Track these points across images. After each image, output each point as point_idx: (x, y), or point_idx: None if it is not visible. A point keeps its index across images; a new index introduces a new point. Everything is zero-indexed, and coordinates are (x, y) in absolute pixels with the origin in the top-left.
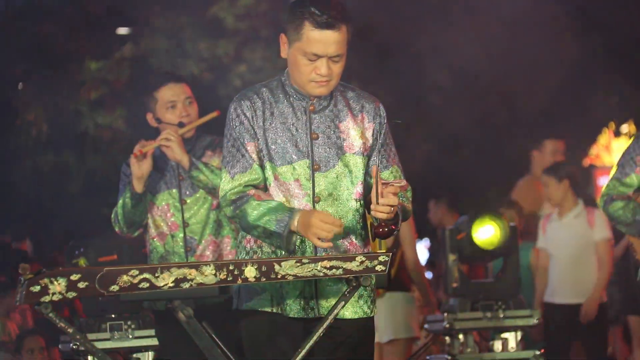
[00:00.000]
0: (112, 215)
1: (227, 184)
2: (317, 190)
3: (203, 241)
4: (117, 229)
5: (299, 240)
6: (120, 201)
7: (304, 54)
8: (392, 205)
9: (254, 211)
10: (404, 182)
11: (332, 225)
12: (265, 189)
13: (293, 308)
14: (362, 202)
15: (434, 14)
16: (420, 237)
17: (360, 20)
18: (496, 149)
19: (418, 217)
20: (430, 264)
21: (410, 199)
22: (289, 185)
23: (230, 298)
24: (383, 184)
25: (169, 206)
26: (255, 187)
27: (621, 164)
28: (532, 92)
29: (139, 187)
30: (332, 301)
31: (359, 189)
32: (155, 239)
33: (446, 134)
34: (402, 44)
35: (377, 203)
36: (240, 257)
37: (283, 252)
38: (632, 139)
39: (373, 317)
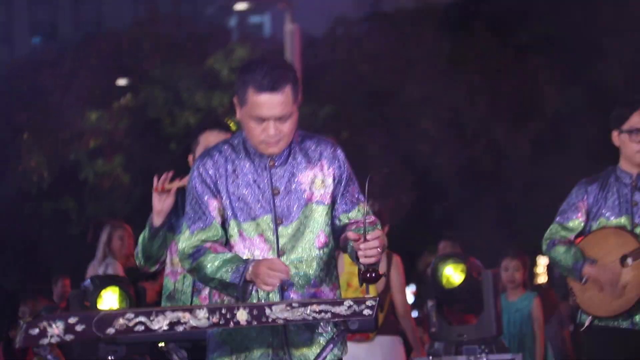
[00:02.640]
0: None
1: (186, 240)
2: (281, 244)
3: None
4: (137, 262)
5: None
6: (141, 235)
7: (251, 117)
8: (377, 248)
9: (210, 264)
10: (372, 218)
11: (278, 272)
12: (225, 245)
13: (262, 358)
14: (324, 249)
15: (422, 64)
16: (407, 282)
17: (351, 71)
18: (481, 196)
19: (406, 263)
20: (418, 305)
21: (381, 230)
22: (253, 241)
23: None
24: (353, 222)
25: None
26: (213, 242)
27: (564, 209)
28: (516, 140)
29: (157, 221)
30: (304, 349)
31: (321, 237)
32: (168, 276)
33: (433, 181)
34: (391, 93)
35: (361, 248)
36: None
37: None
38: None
39: (342, 358)
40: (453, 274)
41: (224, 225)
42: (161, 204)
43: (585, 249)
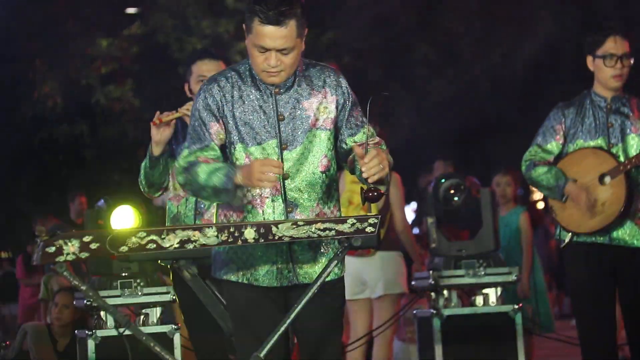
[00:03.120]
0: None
1: (183, 157)
2: (285, 168)
3: (211, 207)
4: (141, 189)
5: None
6: (143, 163)
7: (254, 46)
8: (378, 165)
9: (202, 173)
10: (377, 139)
11: (271, 166)
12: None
13: (266, 278)
14: (327, 173)
15: None
16: (408, 201)
17: None
18: (478, 117)
19: (406, 182)
20: (418, 222)
21: (387, 150)
22: None
23: None
24: (359, 145)
25: None
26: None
27: (542, 132)
28: (511, 63)
29: (156, 150)
30: (307, 268)
31: (323, 161)
32: (171, 200)
33: (431, 103)
34: (390, 19)
35: (365, 167)
36: None
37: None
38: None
39: (342, 277)
40: (454, 193)
41: (229, 149)
42: (159, 135)
43: (565, 169)
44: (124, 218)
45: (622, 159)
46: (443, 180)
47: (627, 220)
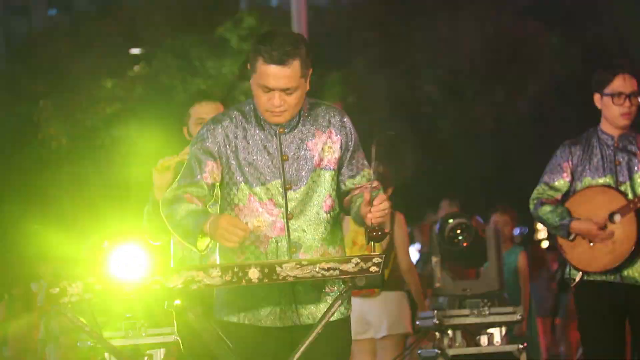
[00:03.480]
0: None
1: (171, 190)
2: (290, 208)
3: (217, 249)
4: (145, 234)
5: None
6: (145, 208)
7: (259, 86)
8: (384, 210)
9: (181, 212)
10: (376, 183)
11: (237, 229)
12: (205, 204)
13: (269, 318)
14: (331, 213)
15: (424, 30)
16: (412, 241)
17: (355, 38)
18: (482, 156)
19: (411, 222)
20: (424, 262)
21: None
22: (263, 205)
23: None
24: (358, 187)
25: None
26: (193, 196)
27: (549, 170)
28: (515, 102)
29: (159, 195)
30: (311, 308)
31: (328, 201)
32: (177, 244)
33: (436, 142)
34: (395, 58)
35: (370, 211)
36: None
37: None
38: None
39: (349, 316)
40: (459, 233)
41: (232, 189)
42: (161, 180)
43: (573, 208)
44: (127, 261)
45: (630, 196)
46: (450, 221)
47: (638, 258)
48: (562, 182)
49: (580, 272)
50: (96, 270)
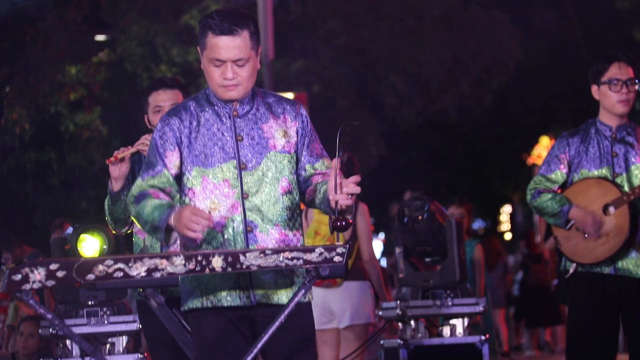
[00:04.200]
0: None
1: (136, 185)
2: (245, 188)
3: (178, 239)
4: (109, 225)
5: (229, 235)
6: (106, 200)
7: (210, 61)
8: (353, 194)
9: (147, 208)
10: (334, 162)
11: (200, 218)
12: (172, 194)
13: (229, 297)
14: (288, 195)
15: (390, 21)
16: (377, 231)
17: (321, 27)
18: (447, 148)
19: (375, 212)
20: (388, 254)
21: None
22: (218, 186)
23: None
24: (320, 174)
25: None
26: (159, 189)
27: (547, 161)
28: (479, 94)
29: (116, 186)
30: (268, 290)
31: (284, 183)
32: (137, 234)
33: (401, 133)
34: (360, 49)
35: (336, 193)
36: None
37: (211, 242)
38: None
39: (309, 302)
40: (416, 213)
41: (185, 176)
42: (117, 171)
43: (569, 199)
44: (91, 246)
45: (626, 188)
46: (408, 205)
47: (632, 250)
48: (558, 173)
49: (575, 264)
50: (59, 255)
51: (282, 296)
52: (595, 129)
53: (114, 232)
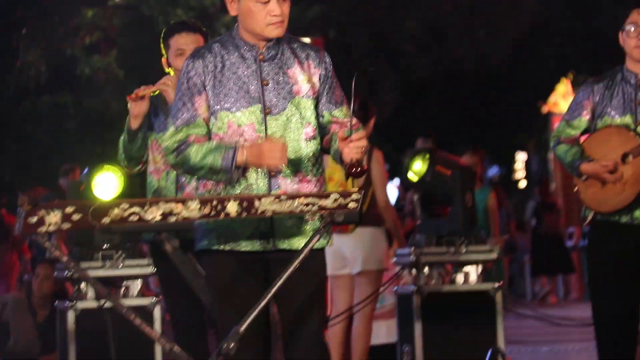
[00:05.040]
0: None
1: (170, 136)
2: (269, 133)
3: (193, 181)
4: (121, 164)
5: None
6: (121, 137)
7: (255, 1)
8: (362, 146)
9: (197, 153)
10: (355, 120)
11: (282, 145)
12: (208, 140)
13: (248, 243)
14: (312, 141)
15: None
16: (392, 177)
17: None
18: (462, 96)
19: (390, 158)
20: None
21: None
22: (243, 130)
23: None
24: (337, 122)
25: None
26: (197, 135)
27: (570, 108)
28: (496, 42)
29: (134, 124)
30: (289, 234)
31: (308, 129)
32: (151, 174)
33: (417, 81)
34: None
35: (348, 146)
36: None
37: (236, 187)
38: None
39: (323, 249)
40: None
41: (211, 119)
42: (137, 108)
43: (589, 147)
44: (106, 184)
45: None
46: (410, 157)
47: None
48: (581, 120)
49: (593, 212)
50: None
51: (302, 242)
52: (622, 75)
53: (126, 170)
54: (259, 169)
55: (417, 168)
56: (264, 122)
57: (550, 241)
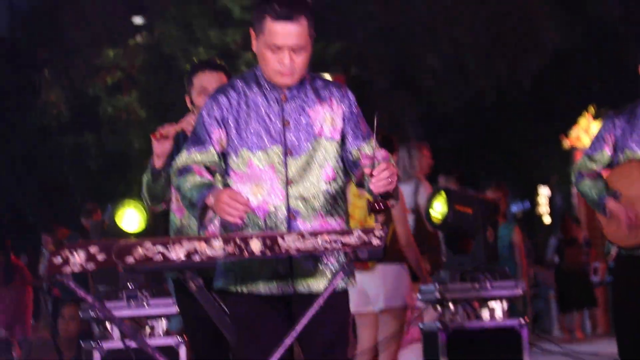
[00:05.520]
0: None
1: (181, 158)
2: (290, 175)
3: (215, 219)
4: (144, 202)
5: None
6: (145, 176)
7: (267, 46)
8: (387, 178)
9: (187, 183)
10: (384, 152)
11: (239, 204)
12: (216, 172)
13: (266, 286)
14: (332, 183)
15: (427, 1)
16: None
17: (359, 8)
18: (484, 130)
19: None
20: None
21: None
22: (263, 171)
23: None
24: (365, 157)
25: None
26: (202, 165)
27: (592, 142)
28: (517, 76)
29: (158, 163)
30: (308, 277)
31: (328, 171)
32: (174, 212)
33: (438, 115)
34: (396, 30)
35: (372, 181)
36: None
37: (250, 226)
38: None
39: (347, 290)
40: (441, 209)
41: (231, 157)
42: (161, 148)
43: (611, 182)
44: (129, 220)
45: None
46: (430, 199)
47: None
48: (603, 154)
49: (616, 247)
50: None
51: (322, 285)
52: None
53: (149, 207)
54: (278, 211)
55: (439, 209)
56: (284, 163)
57: (574, 276)
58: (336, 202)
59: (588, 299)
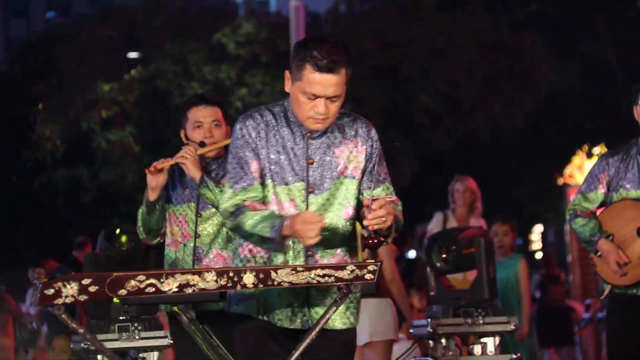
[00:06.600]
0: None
1: (228, 199)
2: (310, 211)
3: (210, 253)
4: (139, 235)
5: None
6: (140, 209)
7: (304, 93)
8: (381, 217)
9: (249, 220)
10: (394, 197)
11: (315, 223)
12: (263, 204)
13: (281, 318)
14: (350, 222)
15: (422, 41)
16: (406, 249)
17: (353, 46)
18: (479, 168)
19: (410, 228)
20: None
21: (401, 211)
22: (283, 205)
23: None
24: (374, 200)
25: (186, 217)
26: (253, 201)
27: (586, 181)
28: (511, 115)
29: (152, 196)
30: (322, 312)
31: (349, 210)
32: (169, 246)
33: (433, 153)
34: (392, 68)
35: (367, 217)
36: (235, 264)
37: (274, 260)
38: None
39: (355, 328)
40: (444, 257)
41: (262, 185)
42: (155, 181)
43: (604, 221)
44: (121, 237)
45: None
46: (434, 245)
47: None
48: (597, 193)
49: (610, 285)
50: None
51: (336, 321)
52: (637, 149)
53: (144, 241)
54: (297, 246)
55: (442, 256)
56: (305, 200)
57: (555, 313)
58: (351, 239)
59: (568, 337)
